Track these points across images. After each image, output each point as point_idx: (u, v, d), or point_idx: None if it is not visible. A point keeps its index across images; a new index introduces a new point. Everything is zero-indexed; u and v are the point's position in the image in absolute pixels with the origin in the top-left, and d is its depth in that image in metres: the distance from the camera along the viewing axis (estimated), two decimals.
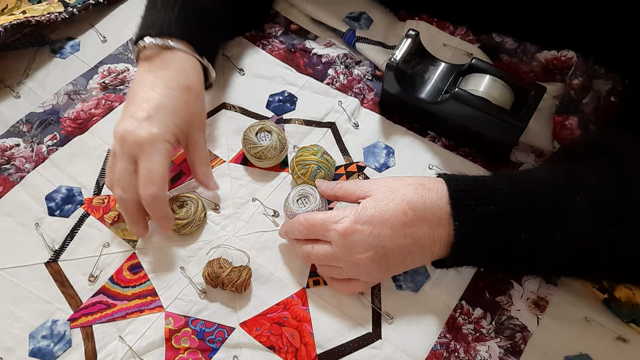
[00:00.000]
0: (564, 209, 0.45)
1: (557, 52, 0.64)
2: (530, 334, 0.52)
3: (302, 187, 0.57)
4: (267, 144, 0.61)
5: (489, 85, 0.58)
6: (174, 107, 0.55)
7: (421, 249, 0.48)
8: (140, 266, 0.57)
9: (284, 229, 0.55)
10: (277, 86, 0.70)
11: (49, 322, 0.54)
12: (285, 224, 0.55)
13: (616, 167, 0.47)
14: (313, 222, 0.50)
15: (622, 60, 0.59)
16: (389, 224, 0.46)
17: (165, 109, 0.54)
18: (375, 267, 0.48)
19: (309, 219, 0.50)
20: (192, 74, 0.58)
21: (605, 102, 0.60)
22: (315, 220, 0.50)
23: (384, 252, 0.47)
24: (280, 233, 0.56)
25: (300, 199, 0.56)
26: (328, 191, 0.54)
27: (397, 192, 0.47)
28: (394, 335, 0.52)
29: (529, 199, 0.45)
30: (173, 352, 0.52)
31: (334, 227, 0.48)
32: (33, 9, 0.74)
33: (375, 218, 0.47)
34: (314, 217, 0.50)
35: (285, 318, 0.53)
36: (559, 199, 0.45)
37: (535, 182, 0.46)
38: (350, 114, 0.67)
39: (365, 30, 0.74)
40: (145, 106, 0.54)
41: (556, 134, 0.62)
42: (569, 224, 0.44)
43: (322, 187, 0.55)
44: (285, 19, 0.77)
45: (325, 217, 0.49)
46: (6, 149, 0.65)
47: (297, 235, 0.53)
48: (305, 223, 0.51)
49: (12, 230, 0.59)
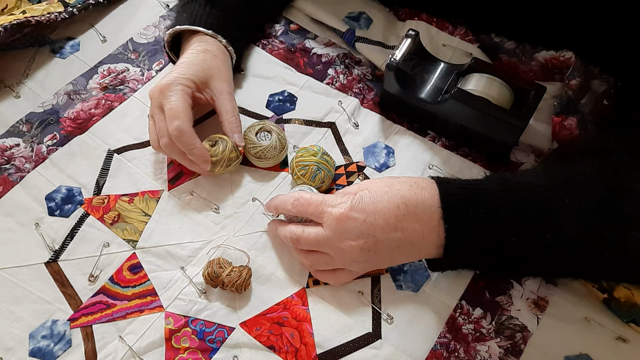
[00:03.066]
0: (554, 211, 0.45)
1: (555, 52, 0.64)
2: (530, 334, 0.52)
3: (301, 187, 0.57)
4: (267, 144, 0.61)
5: (489, 85, 0.58)
6: (190, 61, 0.62)
7: (410, 245, 0.48)
8: (140, 266, 0.57)
9: (276, 202, 0.55)
10: (277, 86, 0.70)
11: (49, 322, 0.54)
12: (276, 198, 0.55)
13: (606, 167, 0.48)
14: (309, 200, 0.51)
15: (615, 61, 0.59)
16: (382, 215, 0.47)
17: (182, 63, 0.62)
18: (362, 256, 0.49)
19: (305, 197, 0.51)
20: (211, 43, 0.64)
21: (599, 104, 0.61)
22: (311, 199, 0.51)
23: (374, 242, 0.48)
24: (270, 207, 0.56)
25: None
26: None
27: (392, 186, 0.49)
28: (394, 335, 0.52)
29: (519, 202, 0.46)
30: (173, 352, 0.52)
31: (330, 210, 0.49)
32: (33, 9, 0.74)
33: (369, 207, 0.48)
34: (311, 196, 0.51)
35: (285, 318, 0.53)
36: (549, 201, 0.45)
37: (526, 185, 0.47)
38: (350, 114, 0.67)
39: (365, 30, 0.74)
40: (167, 71, 0.63)
41: (555, 134, 0.62)
42: (558, 225, 0.45)
43: None
44: (285, 19, 0.77)
45: (323, 198, 0.50)
46: (6, 149, 0.65)
47: (289, 211, 0.53)
48: (302, 200, 0.51)
49: (12, 230, 0.59)
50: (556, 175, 0.48)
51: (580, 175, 0.47)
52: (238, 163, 0.62)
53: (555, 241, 0.45)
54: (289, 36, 0.75)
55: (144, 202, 0.61)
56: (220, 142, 0.60)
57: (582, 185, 0.46)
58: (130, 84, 0.71)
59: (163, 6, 0.80)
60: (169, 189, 0.62)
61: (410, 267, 0.56)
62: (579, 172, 0.48)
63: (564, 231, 0.45)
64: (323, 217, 0.49)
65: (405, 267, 0.56)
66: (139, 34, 0.76)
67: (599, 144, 0.53)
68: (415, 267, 0.56)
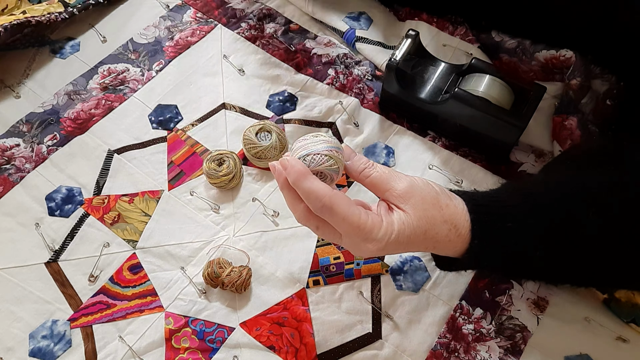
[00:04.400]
0: (578, 229, 0.44)
1: (556, 51, 0.64)
2: (530, 334, 0.52)
3: (313, 138, 0.43)
4: (267, 144, 0.61)
5: (489, 85, 0.58)
6: None
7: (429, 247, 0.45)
8: (140, 266, 0.57)
9: (293, 177, 0.41)
10: (277, 86, 0.70)
11: (49, 322, 0.54)
12: (295, 173, 0.40)
13: (622, 177, 0.47)
14: (337, 216, 0.40)
15: (618, 61, 0.59)
16: (409, 248, 0.43)
17: None
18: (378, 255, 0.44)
19: (335, 209, 0.39)
20: None
21: (601, 104, 0.60)
22: (340, 216, 0.40)
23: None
24: (278, 170, 0.42)
25: None
26: (353, 171, 0.44)
27: (432, 228, 0.42)
28: (394, 335, 0.52)
29: (543, 217, 0.44)
30: (173, 352, 0.52)
31: (362, 244, 0.41)
32: (33, 9, 0.74)
33: (402, 247, 0.42)
34: (342, 210, 0.40)
35: (285, 318, 0.53)
36: (572, 216, 0.44)
37: (549, 197, 0.45)
38: (350, 114, 0.67)
39: (365, 30, 0.74)
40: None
41: (556, 134, 0.62)
42: (581, 238, 0.44)
43: (349, 162, 0.44)
44: (286, 18, 0.77)
45: (358, 222, 0.40)
46: (6, 149, 0.65)
47: (309, 205, 0.41)
48: (328, 210, 0.40)
49: (12, 230, 0.59)
50: (576, 187, 0.46)
51: (600, 186, 0.46)
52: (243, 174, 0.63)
53: (579, 255, 0.44)
54: (289, 36, 0.75)
55: (144, 202, 0.61)
56: (226, 159, 0.61)
57: (603, 198, 0.45)
58: (131, 84, 0.71)
59: (163, 6, 0.80)
60: (169, 189, 0.62)
61: (410, 267, 0.56)
62: (599, 184, 0.46)
63: (588, 245, 0.44)
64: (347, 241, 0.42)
65: (405, 267, 0.56)
66: (139, 34, 0.76)
67: (612, 150, 0.52)
68: (415, 267, 0.56)
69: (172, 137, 0.66)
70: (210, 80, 0.71)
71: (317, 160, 0.41)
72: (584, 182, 0.47)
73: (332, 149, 0.42)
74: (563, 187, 0.47)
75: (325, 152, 0.41)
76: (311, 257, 0.57)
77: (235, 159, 0.62)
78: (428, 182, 0.44)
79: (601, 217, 0.44)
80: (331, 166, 0.42)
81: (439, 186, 0.44)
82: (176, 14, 0.79)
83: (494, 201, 0.45)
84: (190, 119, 0.68)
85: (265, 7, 0.78)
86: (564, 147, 0.60)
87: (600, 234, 0.44)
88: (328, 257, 0.57)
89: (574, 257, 0.45)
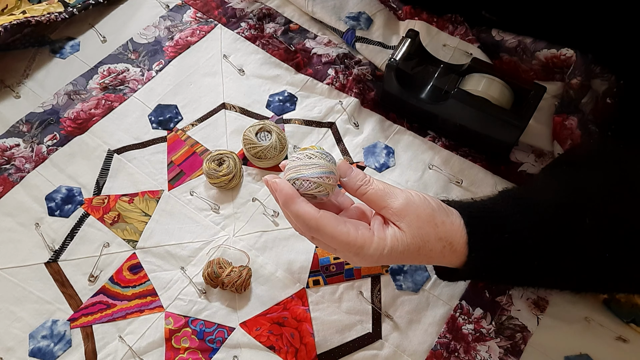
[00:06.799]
0: (575, 235, 0.44)
1: (556, 50, 0.64)
2: (530, 334, 0.52)
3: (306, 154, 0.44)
4: (267, 144, 0.61)
5: (489, 85, 0.58)
6: None
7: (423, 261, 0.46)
8: (140, 266, 0.57)
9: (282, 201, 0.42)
10: (277, 86, 0.70)
11: (49, 322, 0.54)
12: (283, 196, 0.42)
13: (621, 181, 0.47)
14: (326, 236, 0.41)
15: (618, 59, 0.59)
16: (403, 262, 0.44)
17: None
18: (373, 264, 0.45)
19: (322, 230, 0.41)
20: None
21: (601, 103, 0.60)
22: (328, 236, 0.41)
23: None
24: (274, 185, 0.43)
25: None
26: (349, 188, 0.44)
27: (425, 245, 0.42)
28: (394, 335, 0.52)
29: (539, 227, 0.44)
30: (173, 352, 0.52)
31: (354, 257, 0.42)
32: (33, 9, 0.74)
33: (396, 259, 0.43)
34: (329, 230, 0.41)
35: (285, 318, 0.53)
36: (569, 222, 0.44)
37: (544, 205, 0.45)
38: (350, 114, 0.67)
39: (364, 30, 0.73)
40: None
41: (556, 133, 0.62)
42: (578, 247, 0.44)
43: (345, 179, 0.45)
44: (285, 18, 0.77)
45: (347, 240, 0.41)
46: (6, 149, 0.65)
47: (298, 225, 0.43)
48: (316, 232, 0.41)
49: (12, 230, 0.59)
50: (572, 191, 0.46)
51: (597, 191, 0.46)
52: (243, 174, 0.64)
53: (576, 261, 0.44)
54: (289, 36, 0.75)
55: (144, 202, 0.61)
56: (225, 159, 0.61)
57: (600, 204, 0.45)
58: (130, 84, 0.71)
59: (163, 6, 0.80)
60: (169, 189, 0.62)
61: (410, 267, 0.56)
62: (596, 188, 0.46)
63: (583, 252, 0.44)
64: (343, 255, 0.43)
65: (405, 267, 0.56)
66: (139, 34, 0.76)
67: (611, 153, 0.51)
68: (415, 267, 0.56)
69: (172, 137, 0.66)
70: (210, 80, 0.71)
71: (306, 186, 0.42)
72: (581, 188, 0.47)
73: (323, 175, 0.42)
74: (560, 194, 0.47)
75: (315, 178, 0.42)
76: (311, 257, 0.57)
77: (235, 159, 0.62)
78: (425, 198, 0.44)
79: (598, 224, 0.44)
80: (320, 192, 0.42)
81: (436, 201, 0.44)
82: (176, 14, 0.79)
83: (490, 212, 0.45)
84: (190, 119, 0.68)
85: (265, 7, 0.78)
86: (564, 147, 0.60)
87: (597, 240, 0.44)
88: (328, 257, 0.57)
89: (572, 265, 0.45)
